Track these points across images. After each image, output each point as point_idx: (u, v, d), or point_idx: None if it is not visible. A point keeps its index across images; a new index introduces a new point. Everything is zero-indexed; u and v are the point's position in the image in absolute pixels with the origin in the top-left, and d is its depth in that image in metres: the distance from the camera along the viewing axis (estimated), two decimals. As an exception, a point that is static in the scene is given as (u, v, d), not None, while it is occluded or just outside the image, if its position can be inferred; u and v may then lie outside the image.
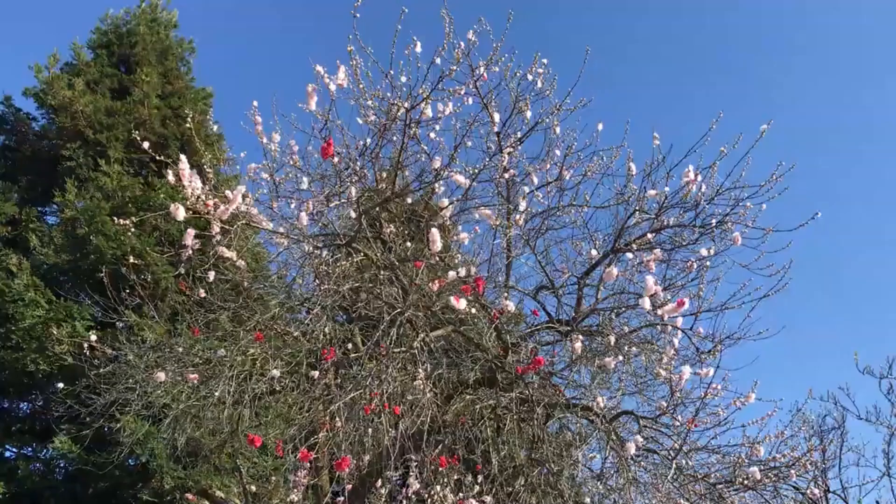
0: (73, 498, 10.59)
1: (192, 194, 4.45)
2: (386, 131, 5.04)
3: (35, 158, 13.52)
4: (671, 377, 5.04)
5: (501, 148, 5.45)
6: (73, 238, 11.68)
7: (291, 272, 6.27)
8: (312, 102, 4.65)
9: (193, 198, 4.43)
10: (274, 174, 4.99)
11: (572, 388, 5.83)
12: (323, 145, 4.15)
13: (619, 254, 5.73)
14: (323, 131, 4.66)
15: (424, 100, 4.57)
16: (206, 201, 4.53)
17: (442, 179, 4.96)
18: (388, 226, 5.61)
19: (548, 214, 5.71)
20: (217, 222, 4.93)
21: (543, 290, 5.80)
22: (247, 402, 6.18)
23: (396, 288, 5.28)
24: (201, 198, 4.51)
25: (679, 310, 4.58)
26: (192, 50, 15.93)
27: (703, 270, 5.48)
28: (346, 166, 4.93)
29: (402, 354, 4.91)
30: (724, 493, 4.87)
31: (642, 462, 5.09)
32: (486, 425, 5.44)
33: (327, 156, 4.16)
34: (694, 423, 4.76)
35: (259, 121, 4.95)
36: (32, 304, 10.48)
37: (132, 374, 6.72)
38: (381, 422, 4.70)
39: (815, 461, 5.52)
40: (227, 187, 6.00)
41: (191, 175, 4.46)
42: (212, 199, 4.56)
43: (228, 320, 6.83)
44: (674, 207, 5.56)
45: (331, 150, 4.14)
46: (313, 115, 5.48)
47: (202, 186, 4.50)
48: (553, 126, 5.78)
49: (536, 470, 5.14)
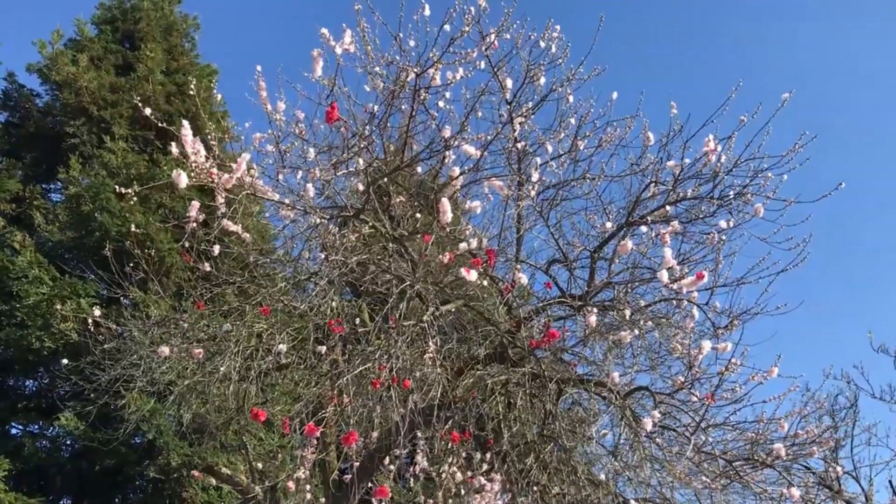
0: (79, 475, 10.60)
1: (196, 162, 4.31)
2: (395, 99, 4.88)
3: (39, 135, 13.41)
4: (689, 352, 4.91)
5: (512, 118, 5.28)
6: (78, 215, 11.59)
7: (297, 246, 6.14)
8: (318, 68, 4.49)
9: (197, 166, 4.28)
10: (279, 142, 4.84)
11: (584, 365, 5.70)
12: (327, 109, 4.00)
13: (634, 227, 5.57)
14: (329, 98, 4.51)
15: (434, 64, 4.41)
16: (210, 170, 4.39)
17: (452, 149, 4.80)
18: (397, 197, 5.47)
19: (561, 185, 5.55)
20: (221, 192, 4.80)
21: (556, 263, 5.66)
22: (253, 379, 6.08)
23: (406, 261, 5.15)
24: (205, 166, 4.36)
25: (698, 283, 4.45)
26: (196, 26, 15.77)
27: (719, 244, 5.33)
28: (353, 134, 4.77)
29: (412, 328, 4.78)
30: (742, 472, 4.75)
31: (657, 439, 4.97)
32: (497, 401, 5.32)
33: (332, 120, 4.01)
34: (713, 399, 4.64)
35: (263, 86, 4.80)
36: (37, 281, 10.42)
37: (136, 349, 6.62)
38: (391, 395, 4.59)
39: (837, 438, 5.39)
40: (233, 162, 5.85)
41: (194, 142, 4.32)
42: (215, 168, 4.42)
43: (234, 295, 6.73)
44: (691, 179, 5.40)
45: (335, 115, 3.99)
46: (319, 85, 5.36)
47: (206, 155, 4.36)
48: (566, 95, 5.62)
49: (549, 446, 5.03)
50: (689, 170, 5.36)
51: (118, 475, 10.70)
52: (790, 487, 4.67)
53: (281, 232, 5.85)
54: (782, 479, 5.23)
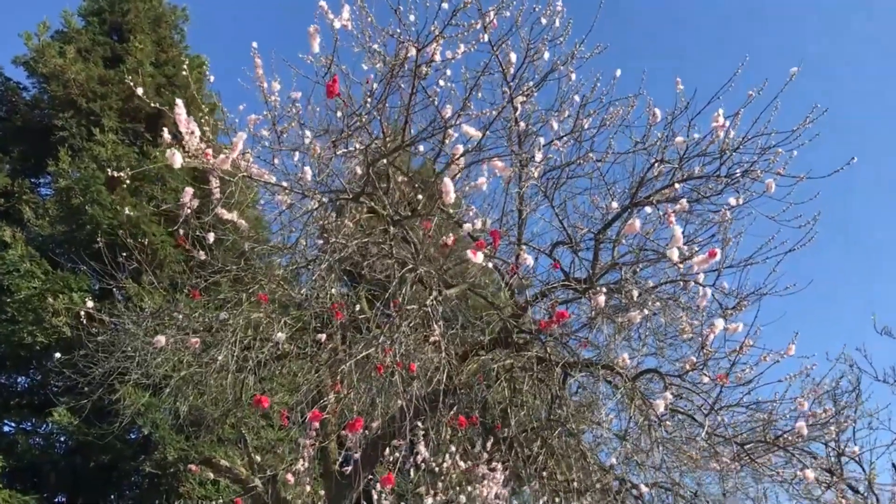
0: (73, 471, 10.46)
1: (190, 142, 4.16)
2: (394, 78, 4.74)
3: (26, 129, 13.18)
4: (702, 331, 4.79)
5: (513, 98, 5.15)
6: (69, 208, 11.40)
7: (295, 233, 5.99)
8: (315, 44, 4.33)
9: (191, 145, 4.13)
10: (275, 122, 4.69)
11: (590, 350, 5.58)
12: (328, 83, 3.85)
13: (639, 207, 5.46)
14: (327, 77, 4.35)
15: (436, 38, 4.27)
16: (204, 150, 4.24)
17: (452, 127, 4.66)
18: (397, 176, 5.33)
19: (565, 165, 5.42)
20: (216, 174, 4.66)
21: (560, 245, 5.53)
22: (251, 369, 5.95)
23: (409, 243, 5.02)
24: (200, 147, 4.21)
25: (710, 261, 4.33)
26: (185, 17, 15.59)
27: (726, 224, 5.23)
28: (352, 113, 4.62)
29: (416, 313, 4.65)
30: (755, 455, 4.65)
31: (667, 422, 4.86)
32: (503, 386, 5.20)
33: (333, 95, 3.87)
34: (726, 380, 4.52)
35: (259, 63, 4.65)
36: (28, 276, 10.24)
37: (130, 342, 6.47)
38: (395, 381, 4.46)
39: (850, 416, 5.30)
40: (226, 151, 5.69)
41: (188, 122, 4.17)
42: (210, 149, 4.27)
43: (230, 285, 6.58)
44: (697, 157, 5.28)
45: (336, 89, 3.84)
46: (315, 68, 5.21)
47: (200, 135, 4.21)
48: (568, 73, 5.49)
49: (557, 431, 4.92)
50: (695, 147, 5.24)
51: (113, 471, 10.55)
52: (804, 469, 4.57)
53: (278, 218, 5.69)
54: (792, 461, 5.14)
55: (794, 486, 4.87)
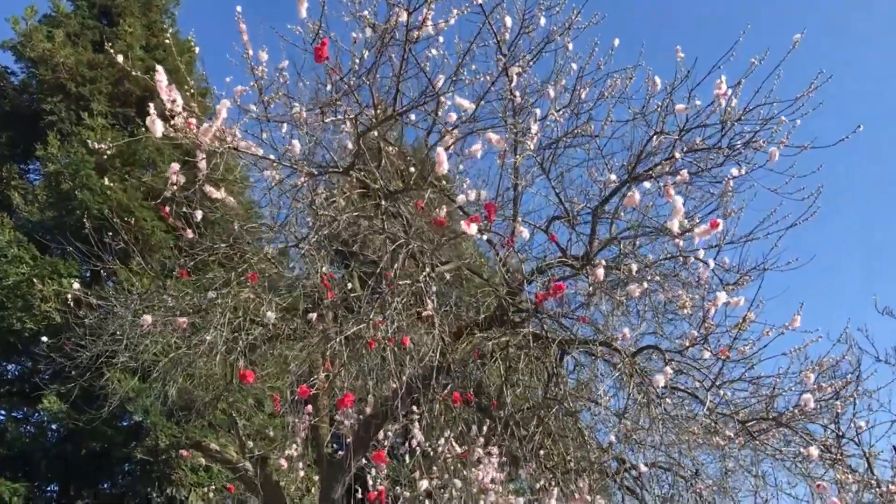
0: (64, 460, 10.31)
1: (173, 111, 4.01)
2: (385, 46, 4.58)
3: (15, 114, 12.98)
4: (704, 304, 4.66)
5: (507, 67, 4.99)
6: (58, 193, 11.23)
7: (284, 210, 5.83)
8: (303, 9, 4.17)
9: (175, 113, 3.98)
10: (262, 92, 4.52)
11: (588, 327, 5.44)
12: (316, 46, 3.70)
13: (638, 182, 5.31)
14: (315, 43, 4.19)
15: (427, 1, 4.11)
16: (187, 120, 4.09)
17: (444, 96, 4.50)
18: (388, 147, 5.17)
19: (562, 136, 5.25)
20: (203, 149, 4.51)
21: (556, 220, 5.38)
22: (241, 350, 5.81)
23: (401, 218, 4.87)
24: (183, 116, 4.06)
25: (712, 231, 4.19)
26: (175, 1, 15.40)
27: (730, 195, 5.09)
28: (340, 78, 4.46)
29: (408, 288, 4.51)
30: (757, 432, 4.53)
31: (668, 399, 4.73)
32: (498, 365, 5.05)
33: (321, 59, 3.72)
34: (728, 355, 4.40)
35: (244, 28, 4.47)
36: (16, 261, 10.08)
37: (119, 324, 6.32)
38: (388, 359, 4.32)
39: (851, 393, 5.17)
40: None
41: (169, 90, 4.01)
42: (194, 119, 4.12)
43: (220, 265, 6.43)
44: (697, 128, 5.13)
45: (325, 52, 3.69)
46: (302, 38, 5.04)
47: (182, 103, 4.06)
48: (565, 44, 5.33)
49: (553, 409, 4.78)
50: (696, 118, 5.10)
51: (105, 459, 10.41)
52: (808, 447, 4.46)
53: (267, 195, 5.53)
54: (794, 440, 5.03)
55: (797, 464, 4.74)
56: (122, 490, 10.89)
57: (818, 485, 4.59)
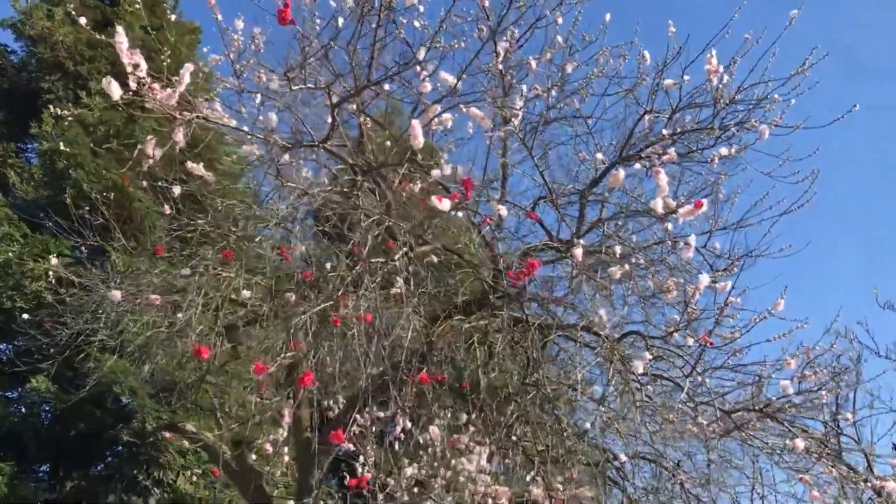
0: (55, 441, 10.23)
1: (136, 75, 3.84)
2: (364, 15, 4.39)
3: (13, 92, 12.91)
4: (686, 289, 4.47)
5: (495, 41, 4.80)
6: (52, 172, 11.13)
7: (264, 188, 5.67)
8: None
9: (135, 80, 3.82)
10: (235, 62, 4.36)
11: (571, 312, 5.25)
12: (280, 8, 3.53)
13: (627, 163, 5.10)
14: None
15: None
16: (150, 85, 3.92)
17: (422, 65, 4.32)
18: (365, 120, 5.00)
19: (547, 108, 5.04)
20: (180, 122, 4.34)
21: (542, 200, 5.18)
22: (218, 332, 5.67)
23: (375, 196, 4.70)
24: (146, 80, 3.90)
25: (696, 212, 4.00)
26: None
27: (720, 178, 4.89)
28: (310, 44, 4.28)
29: (382, 266, 4.35)
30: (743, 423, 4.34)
31: (650, 386, 4.54)
32: (476, 349, 4.87)
33: (285, 21, 3.55)
34: (709, 341, 4.21)
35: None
36: (7, 239, 9.98)
37: (96, 301, 6.21)
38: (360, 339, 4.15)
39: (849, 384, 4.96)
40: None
41: (131, 53, 3.85)
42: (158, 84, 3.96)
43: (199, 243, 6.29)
44: (689, 108, 4.92)
45: (288, 14, 3.53)
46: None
47: (146, 68, 3.89)
48: (555, 18, 5.12)
49: (531, 395, 4.60)
50: (687, 98, 4.89)
51: (94, 439, 10.32)
52: (794, 439, 4.27)
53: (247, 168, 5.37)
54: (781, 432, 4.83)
55: (784, 457, 4.55)
56: (110, 472, 10.80)
57: (801, 478, 4.41)
